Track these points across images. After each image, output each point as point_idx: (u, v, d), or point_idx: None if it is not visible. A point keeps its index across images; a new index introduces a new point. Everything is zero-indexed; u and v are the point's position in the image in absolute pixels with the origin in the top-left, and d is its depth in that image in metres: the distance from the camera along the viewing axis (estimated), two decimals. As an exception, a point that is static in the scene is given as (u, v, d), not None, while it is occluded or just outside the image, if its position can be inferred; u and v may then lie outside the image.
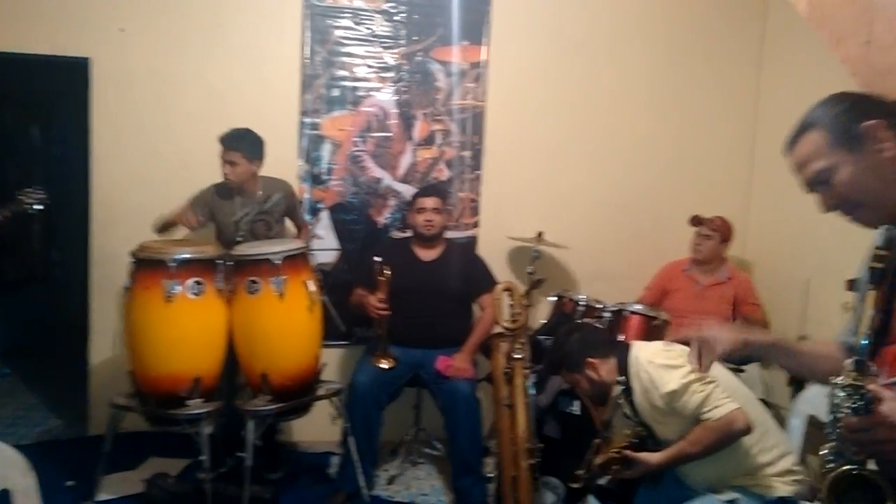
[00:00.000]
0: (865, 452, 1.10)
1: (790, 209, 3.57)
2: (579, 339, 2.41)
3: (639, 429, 2.20)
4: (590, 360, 2.32)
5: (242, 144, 3.13)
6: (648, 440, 2.19)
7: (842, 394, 1.09)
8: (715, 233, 3.56)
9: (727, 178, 4.02)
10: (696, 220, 3.62)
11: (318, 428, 3.47)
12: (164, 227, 3.21)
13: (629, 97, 3.97)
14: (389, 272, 3.18)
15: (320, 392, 3.07)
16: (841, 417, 1.09)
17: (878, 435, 1.06)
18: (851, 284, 2.37)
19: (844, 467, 1.10)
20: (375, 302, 3.18)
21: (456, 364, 3.22)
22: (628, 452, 2.13)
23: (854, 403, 1.07)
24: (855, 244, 1.26)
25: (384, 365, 3.19)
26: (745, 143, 4.08)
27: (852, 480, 1.09)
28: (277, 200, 3.24)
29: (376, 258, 3.22)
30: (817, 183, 1.27)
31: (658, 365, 2.14)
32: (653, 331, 3.22)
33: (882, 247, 1.13)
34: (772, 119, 3.93)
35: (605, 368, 2.31)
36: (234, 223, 3.19)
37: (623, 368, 2.25)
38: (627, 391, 2.23)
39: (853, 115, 1.23)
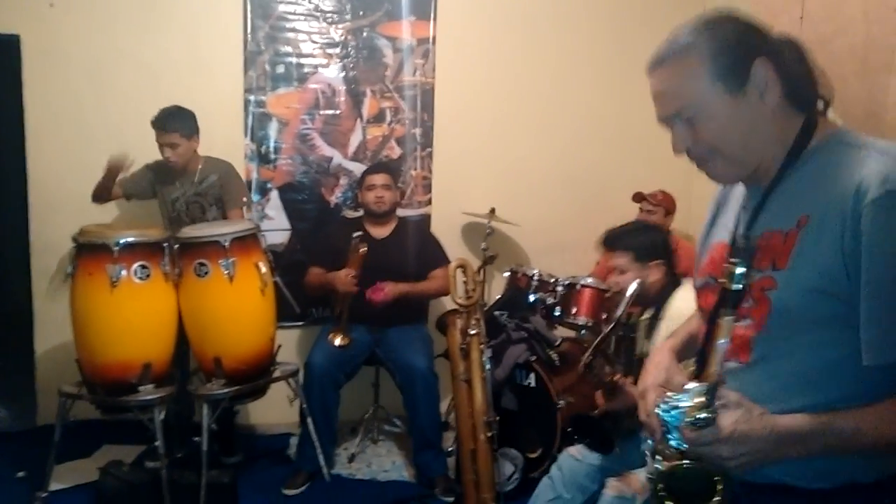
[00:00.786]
0: (706, 462, 0.98)
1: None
2: (664, 240, 2.41)
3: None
4: (662, 262, 2.32)
5: (178, 123, 3.05)
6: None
7: (688, 402, 0.96)
8: (658, 207, 3.64)
9: (670, 150, 4.09)
10: (639, 197, 3.68)
11: (276, 410, 3.46)
12: (101, 190, 3.15)
13: (574, 73, 4.00)
14: (365, 249, 3.18)
15: (276, 374, 3.05)
16: (678, 420, 0.97)
17: (717, 451, 0.96)
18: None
19: (673, 463, 1.00)
20: (346, 276, 3.16)
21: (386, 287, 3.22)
22: (620, 379, 2.14)
23: (701, 414, 0.95)
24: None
25: (338, 342, 3.18)
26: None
27: (682, 472, 1.00)
28: (212, 182, 3.19)
29: (356, 234, 3.22)
30: (679, 119, 1.10)
31: None
32: (605, 303, 3.29)
33: None
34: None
35: (662, 280, 2.31)
36: (170, 203, 3.16)
37: (666, 295, 2.25)
38: (656, 318, 2.25)
39: (741, 48, 1.04)
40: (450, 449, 3.34)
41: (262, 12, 3.55)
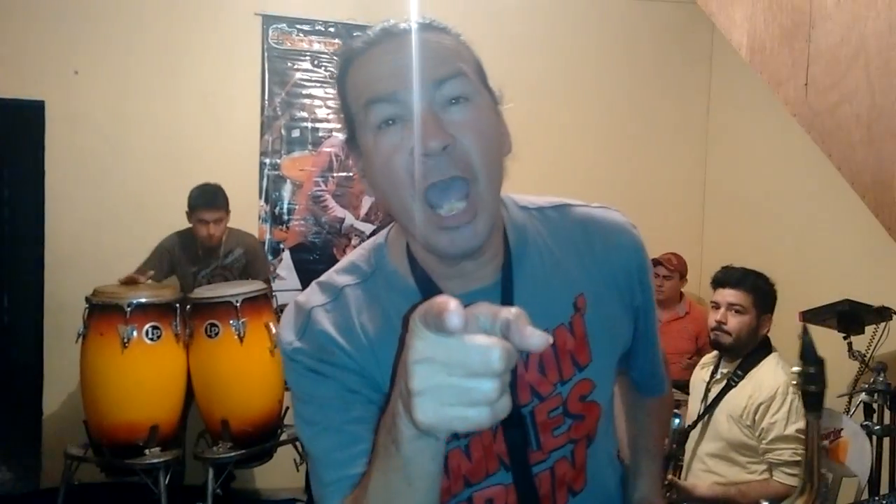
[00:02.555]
0: None
1: (742, 245, 3.68)
2: (775, 298, 2.28)
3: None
4: (771, 317, 2.23)
5: (221, 200, 3.11)
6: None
7: None
8: (674, 272, 3.64)
9: (681, 216, 4.13)
10: (654, 262, 3.68)
11: (282, 474, 3.38)
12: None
13: (586, 139, 4.07)
14: None
15: (283, 437, 3.01)
16: None
17: None
18: (804, 316, 2.45)
19: None
20: None
21: None
22: (674, 480, 2.09)
23: None
24: (807, 279, 1.27)
25: None
26: (697, 182, 4.21)
27: None
28: (238, 256, 3.23)
29: None
30: (446, 92, 0.80)
31: (792, 398, 2.05)
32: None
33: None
34: (721, 158, 4.07)
35: (762, 333, 2.22)
36: (192, 275, 3.17)
37: (758, 356, 2.19)
38: (737, 374, 2.18)
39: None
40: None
41: (280, 79, 3.66)
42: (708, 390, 2.28)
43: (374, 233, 3.72)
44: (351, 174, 3.79)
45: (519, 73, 3.98)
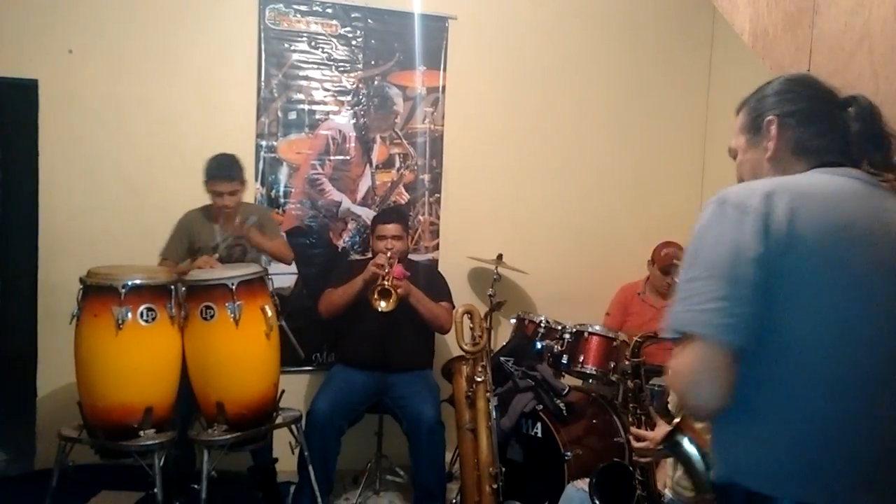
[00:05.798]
0: None
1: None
2: None
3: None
4: None
5: (238, 171, 3.13)
6: None
7: None
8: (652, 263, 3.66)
9: (680, 203, 4.12)
10: (667, 269, 3.61)
11: (277, 457, 3.39)
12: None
13: (585, 125, 4.05)
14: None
15: (278, 420, 3.01)
16: None
17: None
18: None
19: None
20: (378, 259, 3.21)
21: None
22: (634, 430, 2.05)
23: None
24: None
25: (383, 305, 3.10)
26: (696, 169, 4.20)
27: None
28: (253, 223, 3.23)
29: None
30: (733, 156, 1.36)
31: None
32: (612, 352, 3.26)
33: None
34: (720, 145, 4.01)
35: None
36: (211, 248, 3.17)
37: None
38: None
39: (767, 103, 1.29)
40: (454, 501, 3.26)
41: (276, 61, 3.62)
42: None
43: (383, 216, 3.69)
44: (348, 157, 3.76)
45: (519, 59, 3.95)
